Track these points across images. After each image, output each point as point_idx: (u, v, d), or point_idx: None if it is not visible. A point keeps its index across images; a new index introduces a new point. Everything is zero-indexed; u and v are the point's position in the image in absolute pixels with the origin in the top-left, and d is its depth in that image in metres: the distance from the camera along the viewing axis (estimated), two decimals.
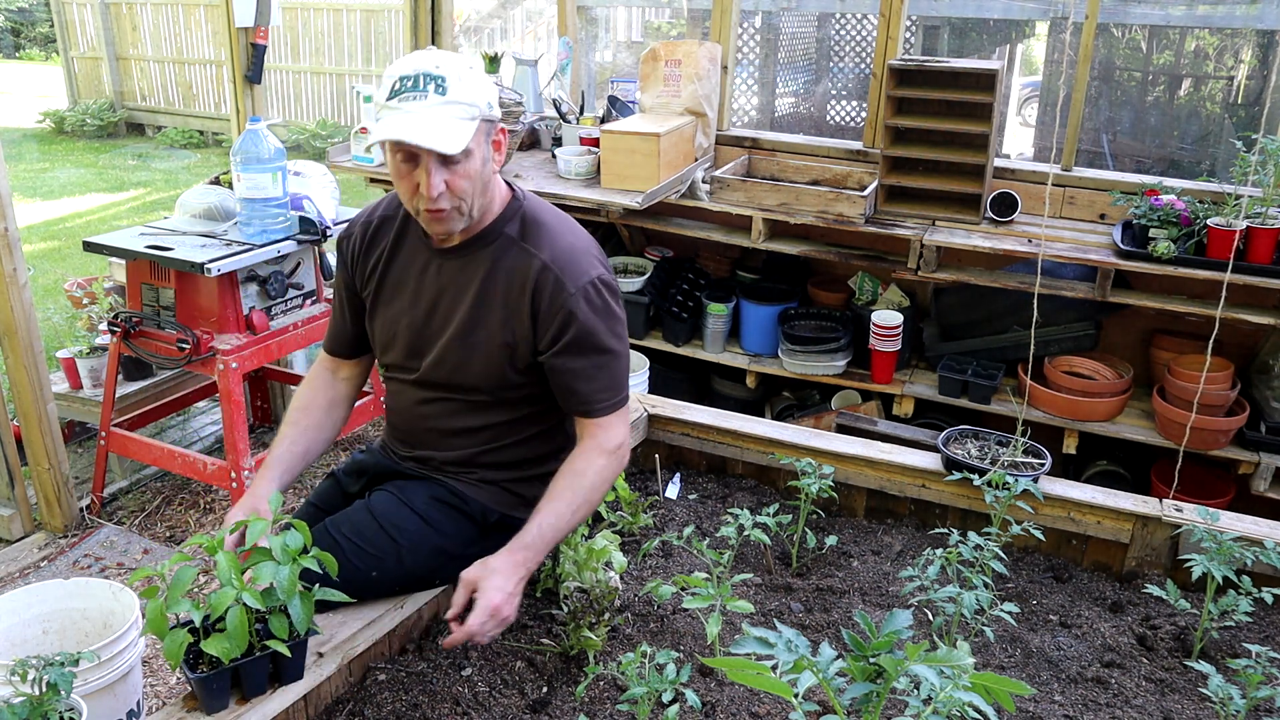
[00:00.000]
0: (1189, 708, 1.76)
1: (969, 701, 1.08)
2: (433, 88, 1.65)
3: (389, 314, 1.92)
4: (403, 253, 1.91)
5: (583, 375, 1.81)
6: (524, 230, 1.83)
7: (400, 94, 1.65)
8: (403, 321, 1.89)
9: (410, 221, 1.90)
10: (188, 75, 10.45)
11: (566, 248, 1.81)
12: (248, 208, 3.03)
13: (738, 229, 3.69)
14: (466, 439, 1.92)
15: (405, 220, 1.91)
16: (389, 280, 1.92)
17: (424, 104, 1.64)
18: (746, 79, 7.18)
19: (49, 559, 3.12)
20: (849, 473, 2.42)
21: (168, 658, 1.46)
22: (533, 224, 1.83)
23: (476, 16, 9.56)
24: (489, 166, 1.76)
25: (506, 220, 1.83)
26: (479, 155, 1.72)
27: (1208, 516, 2.05)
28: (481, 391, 1.87)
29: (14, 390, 3.08)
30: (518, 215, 1.84)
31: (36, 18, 16.52)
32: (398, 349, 1.92)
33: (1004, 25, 7.08)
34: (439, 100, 1.64)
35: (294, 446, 1.96)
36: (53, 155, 9.64)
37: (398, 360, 1.94)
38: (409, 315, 1.89)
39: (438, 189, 1.67)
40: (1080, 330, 3.48)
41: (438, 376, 1.88)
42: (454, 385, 1.88)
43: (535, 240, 1.81)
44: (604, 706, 1.69)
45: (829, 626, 1.96)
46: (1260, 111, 5.45)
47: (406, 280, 1.89)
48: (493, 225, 1.82)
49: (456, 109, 1.65)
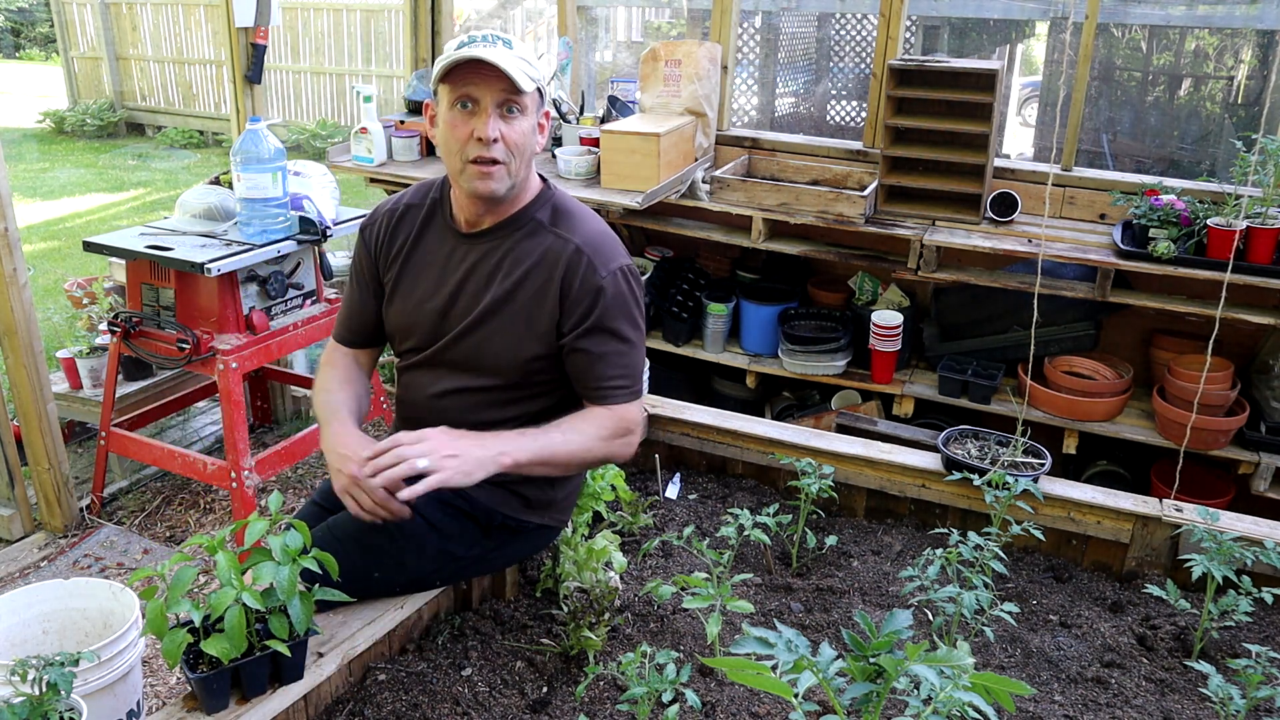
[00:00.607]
0: (1189, 708, 1.76)
1: (969, 701, 1.08)
2: (501, 43, 1.71)
3: (411, 300, 1.92)
4: (428, 238, 1.92)
5: (602, 359, 1.82)
6: (555, 216, 1.86)
7: (470, 43, 1.70)
8: (426, 306, 1.89)
9: (437, 208, 1.93)
10: (188, 75, 10.45)
11: (599, 232, 1.85)
12: (248, 208, 3.03)
13: (738, 229, 3.69)
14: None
15: (433, 207, 1.93)
16: (411, 266, 1.92)
17: (495, 49, 1.69)
18: (746, 79, 7.19)
19: (49, 559, 3.12)
20: (849, 473, 2.42)
21: (167, 658, 1.46)
22: (563, 211, 1.87)
23: (476, 16, 9.56)
24: (536, 138, 1.80)
25: (538, 207, 1.86)
26: (531, 120, 1.77)
27: (1208, 516, 2.05)
28: (500, 377, 1.86)
29: (14, 390, 3.08)
30: (549, 202, 1.87)
31: (36, 18, 16.53)
32: (419, 333, 1.91)
33: (1004, 25, 7.09)
34: (508, 51, 1.70)
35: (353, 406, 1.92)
36: (53, 155, 9.65)
37: (417, 344, 1.93)
38: (433, 299, 1.89)
39: (494, 131, 1.70)
40: (1080, 330, 3.48)
41: (457, 359, 1.88)
42: (473, 369, 1.87)
43: (567, 225, 1.84)
44: (604, 706, 1.69)
45: (829, 626, 1.96)
46: (1260, 111, 5.45)
47: (431, 265, 1.90)
48: (524, 210, 1.85)
49: (523, 64, 1.71)
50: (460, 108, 1.72)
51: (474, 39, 1.71)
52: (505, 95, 1.71)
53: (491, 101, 1.70)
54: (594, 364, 1.82)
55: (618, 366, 1.83)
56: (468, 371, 1.88)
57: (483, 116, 1.71)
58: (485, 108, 1.71)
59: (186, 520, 3.38)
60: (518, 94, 1.70)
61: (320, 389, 1.99)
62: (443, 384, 1.91)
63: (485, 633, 1.86)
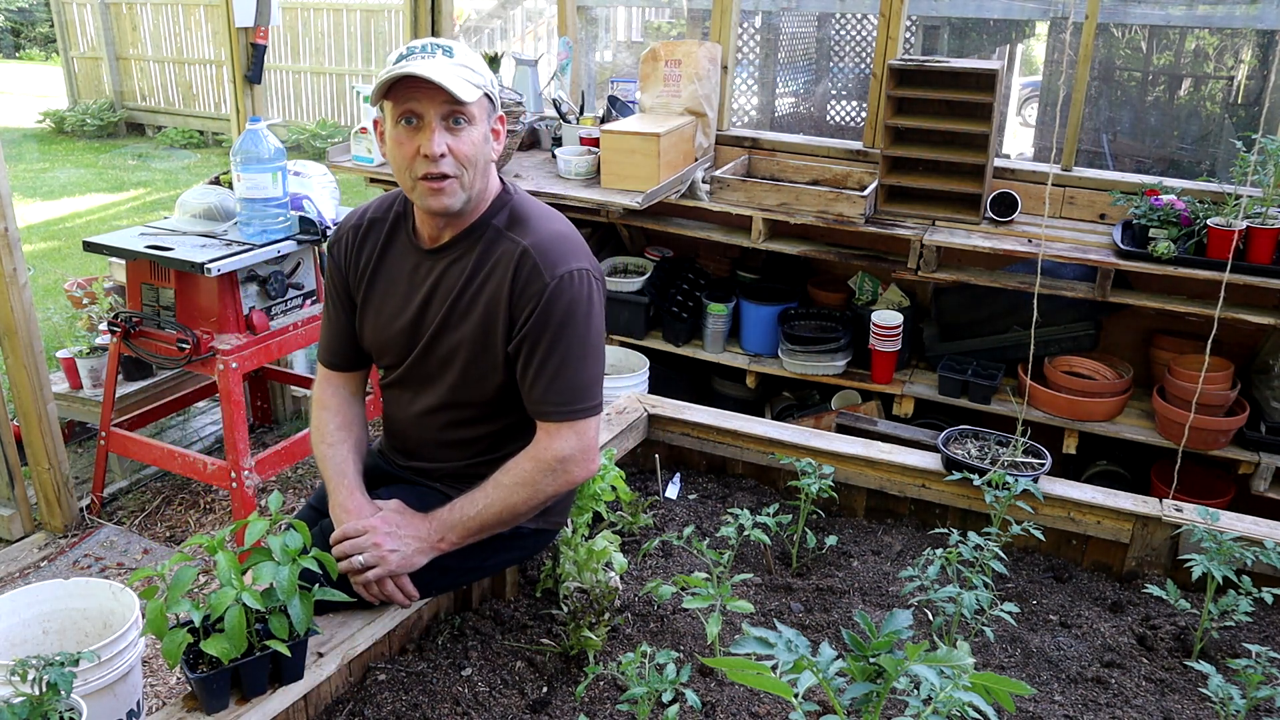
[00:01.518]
0: (1189, 708, 1.76)
1: (969, 701, 1.08)
2: (440, 52, 1.66)
3: (381, 318, 1.88)
4: (392, 254, 1.87)
5: (540, 373, 1.73)
6: (510, 220, 1.79)
7: (409, 56, 1.65)
8: (395, 324, 1.86)
9: (400, 222, 1.87)
10: (188, 75, 10.45)
11: (553, 234, 1.77)
12: (248, 208, 3.03)
13: (738, 229, 3.69)
14: (461, 450, 1.90)
15: (395, 221, 1.88)
16: (378, 283, 1.88)
17: (433, 60, 1.64)
18: (746, 79, 7.18)
19: (49, 559, 3.12)
20: (849, 473, 2.42)
21: (167, 658, 1.46)
22: (519, 215, 1.80)
23: (476, 16, 9.56)
24: (490, 146, 1.74)
25: (494, 213, 1.80)
26: (481, 129, 1.71)
27: (1208, 516, 2.05)
28: (472, 393, 1.83)
29: (14, 390, 3.08)
30: (505, 208, 1.80)
31: (36, 18, 16.53)
32: (391, 352, 1.89)
33: (1004, 25, 7.09)
34: (448, 61, 1.65)
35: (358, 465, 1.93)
36: (53, 155, 9.65)
37: (392, 362, 1.91)
38: (400, 317, 1.85)
39: (440, 147, 1.65)
40: (1080, 330, 3.48)
41: (430, 375, 1.85)
42: (445, 386, 1.84)
43: (521, 229, 1.77)
44: (604, 706, 1.69)
45: (829, 626, 1.96)
46: (1260, 111, 5.45)
47: (397, 282, 1.86)
48: (481, 219, 1.79)
49: (464, 71, 1.66)
50: (405, 124, 1.67)
51: (412, 51, 1.66)
52: (449, 107, 1.65)
53: (435, 115, 1.64)
54: (531, 377, 1.74)
55: (556, 381, 1.73)
56: (440, 388, 1.85)
57: (427, 132, 1.65)
58: (429, 122, 1.65)
59: (186, 520, 3.38)
60: (461, 105, 1.64)
61: (320, 437, 1.95)
62: (420, 402, 1.89)
63: (485, 633, 1.86)
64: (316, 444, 1.95)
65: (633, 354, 3.62)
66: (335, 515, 1.83)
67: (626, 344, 3.79)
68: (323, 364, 2.03)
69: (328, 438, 1.93)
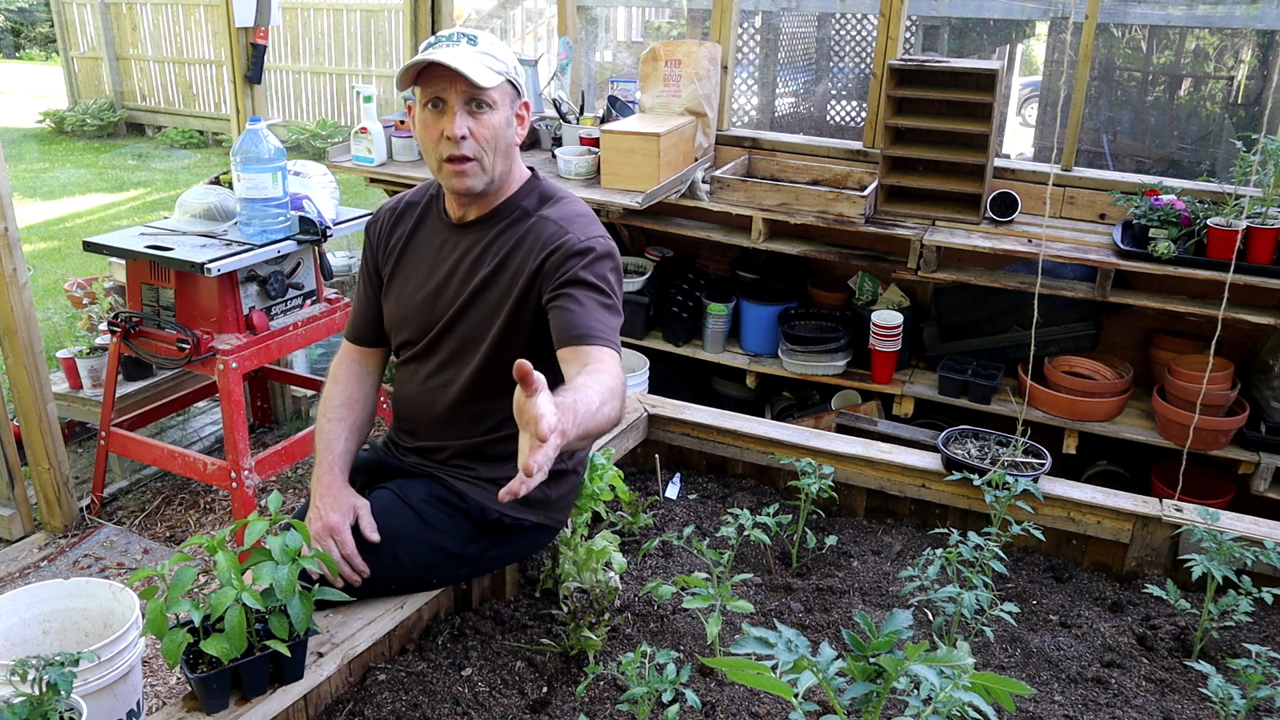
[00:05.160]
0: (1189, 708, 1.76)
1: (969, 701, 1.08)
2: (465, 41, 1.77)
3: (405, 291, 1.96)
4: (422, 232, 1.98)
5: (584, 309, 1.73)
6: (540, 202, 1.90)
7: (434, 45, 1.77)
8: (417, 296, 1.93)
9: (434, 203, 1.98)
10: (188, 75, 10.45)
11: (582, 213, 1.89)
12: (248, 208, 3.03)
13: (738, 229, 3.69)
14: (471, 426, 1.92)
15: (429, 203, 1.99)
16: (407, 257, 1.98)
17: (457, 48, 1.75)
18: (746, 79, 7.18)
19: (49, 559, 3.12)
20: (849, 473, 2.42)
21: (167, 658, 1.46)
22: (549, 197, 1.91)
23: (476, 16, 9.57)
24: (512, 130, 1.84)
25: (524, 195, 1.91)
26: (503, 113, 1.81)
27: (1208, 516, 2.05)
28: (487, 364, 1.86)
29: (14, 390, 3.08)
30: (535, 191, 1.92)
31: (36, 18, 16.52)
32: (410, 325, 1.95)
33: (1004, 25, 7.09)
34: (471, 49, 1.76)
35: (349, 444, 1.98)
36: (53, 155, 9.64)
37: (410, 337, 1.96)
38: (422, 290, 1.93)
39: (461, 129, 1.75)
40: (1080, 330, 3.48)
41: (446, 347, 1.90)
42: (460, 357, 1.89)
43: (550, 208, 1.88)
44: (604, 706, 1.69)
45: (829, 626, 1.96)
46: (1260, 111, 5.44)
47: (424, 258, 1.95)
48: (510, 199, 1.90)
49: (487, 59, 1.76)
50: (431, 108, 1.78)
51: (439, 39, 1.78)
52: (470, 93, 1.75)
53: (458, 100, 1.75)
54: (575, 313, 1.72)
55: (600, 312, 1.74)
56: (456, 360, 1.91)
57: (450, 115, 1.76)
58: (453, 107, 1.76)
59: (186, 520, 3.38)
60: (481, 90, 1.74)
61: (323, 410, 2.02)
62: (432, 373, 1.93)
63: (485, 633, 1.86)
64: (319, 415, 2.04)
65: (633, 354, 3.62)
66: (312, 488, 1.90)
67: (626, 344, 3.79)
68: (346, 339, 2.12)
69: (329, 412, 2.01)
